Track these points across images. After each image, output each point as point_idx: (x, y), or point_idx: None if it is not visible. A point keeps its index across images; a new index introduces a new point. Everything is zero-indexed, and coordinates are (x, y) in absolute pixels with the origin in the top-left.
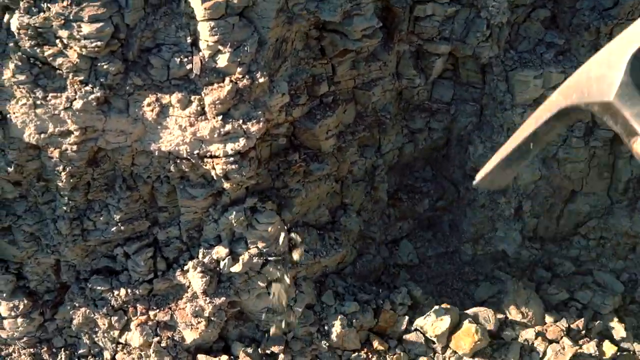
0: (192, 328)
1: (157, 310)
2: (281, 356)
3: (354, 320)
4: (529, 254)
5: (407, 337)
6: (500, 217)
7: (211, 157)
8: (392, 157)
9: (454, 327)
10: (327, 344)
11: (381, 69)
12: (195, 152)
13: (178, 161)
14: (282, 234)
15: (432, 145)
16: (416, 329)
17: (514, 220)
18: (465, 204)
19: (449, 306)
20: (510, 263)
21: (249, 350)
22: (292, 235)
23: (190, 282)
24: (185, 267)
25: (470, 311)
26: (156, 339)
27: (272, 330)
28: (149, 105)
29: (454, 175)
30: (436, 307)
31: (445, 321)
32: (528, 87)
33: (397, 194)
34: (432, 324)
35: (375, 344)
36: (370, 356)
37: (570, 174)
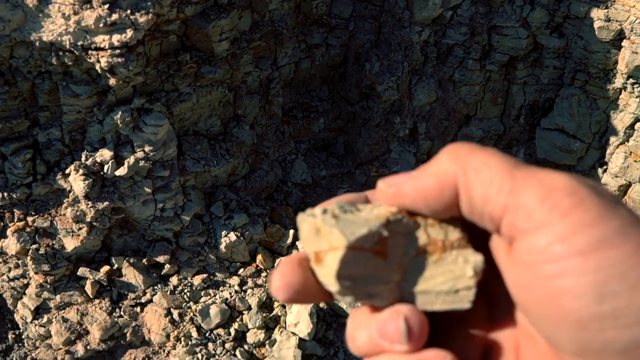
0: (73, 235)
1: (36, 216)
2: (167, 267)
3: (245, 233)
4: None
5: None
6: (394, 138)
7: (96, 49)
8: (289, 72)
9: None
10: (215, 255)
11: None
12: (79, 43)
13: (61, 53)
14: (171, 138)
15: (330, 62)
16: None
17: (409, 142)
18: (360, 124)
19: None
20: None
21: (132, 260)
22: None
23: (71, 187)
24: (67, 171)
25: None
26: (34, 246)
27: None
28: None
29: (350, 94)
30: None
31: None
32: (427, 5)
33: (293, 111)
34: None
35: (259, 259)
36: (259, 269)
37: (465, 97)
